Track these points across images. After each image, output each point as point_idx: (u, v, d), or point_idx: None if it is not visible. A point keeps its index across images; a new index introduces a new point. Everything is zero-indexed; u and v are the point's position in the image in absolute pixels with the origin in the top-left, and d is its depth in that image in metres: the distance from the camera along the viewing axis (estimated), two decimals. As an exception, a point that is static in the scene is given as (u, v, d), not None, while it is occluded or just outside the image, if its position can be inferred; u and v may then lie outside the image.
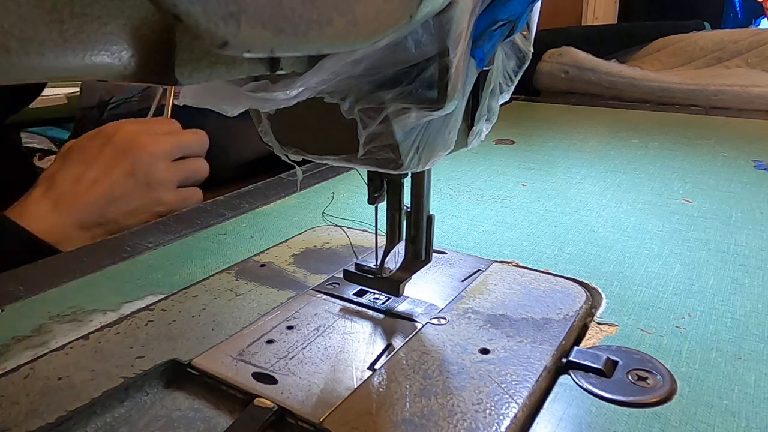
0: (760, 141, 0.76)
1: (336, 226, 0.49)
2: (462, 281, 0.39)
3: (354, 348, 0.32)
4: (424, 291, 0.37)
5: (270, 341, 0.32)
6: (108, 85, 0.88)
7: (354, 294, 0.37)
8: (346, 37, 0.16)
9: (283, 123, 0.28)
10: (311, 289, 0.38)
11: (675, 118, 0.94)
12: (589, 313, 0.35)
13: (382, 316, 0.35)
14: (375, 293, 0.37)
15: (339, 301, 0.36)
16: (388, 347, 0.32)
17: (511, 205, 0.54)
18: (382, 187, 0.32)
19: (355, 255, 0.42)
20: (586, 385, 0.29)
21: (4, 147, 0.74)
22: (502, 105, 0.30)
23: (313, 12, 0.15)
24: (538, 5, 0.27)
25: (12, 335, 0.34)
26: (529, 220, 0.51)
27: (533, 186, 0.60)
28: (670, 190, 0.58)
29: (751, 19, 1.96)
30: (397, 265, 0.34)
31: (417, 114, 0.23)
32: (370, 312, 0.35)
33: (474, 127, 0.29)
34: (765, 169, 0.63)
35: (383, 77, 0.23)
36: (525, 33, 0.29)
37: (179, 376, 0.31)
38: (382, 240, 0.34)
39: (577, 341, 0.33)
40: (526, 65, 0.30)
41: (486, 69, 0.27)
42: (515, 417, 0.26)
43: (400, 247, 0.34)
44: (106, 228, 0.55)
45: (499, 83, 0.29)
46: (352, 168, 0.35)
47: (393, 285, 0.34)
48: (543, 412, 0.27)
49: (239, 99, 0.22)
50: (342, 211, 0.54)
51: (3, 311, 0.37)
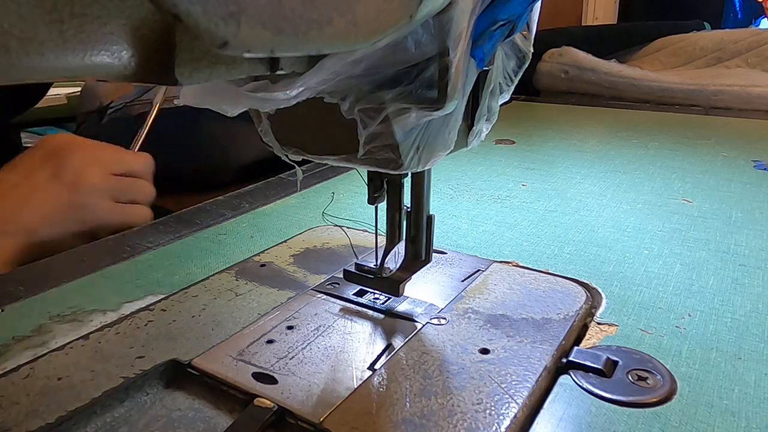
0: (760, 141, 0.76)
1: (336, 226, 0.49)
2: (462, 281, 0.39)
3: (354, 348, 0.32)
4: (424, 291, 0.37)
5: (270, 341, 0.32)
6: (108, 90, 0.88)
7: (354, 294, 0.37)
8: (346, 37, 0.16)
9: (283, 123, 0.28)
10: (311, 289, 0.38)
11: (675, 118, 0.94)
12: (589, 313, 0.35)
13: (382, 316, 0.35)
14: (375, 293, 0.37)
15: (339, 301, 0.36)
16: (388, 347, 0.32)
17: (511, 205, 0.54)
18: (382, 187, 0.32)
19: (355, 255, 0.42)
20: (586, 385, 0.29)
21: (4, 147, 0.74)
22: (502, 105, 0.30)
23: (313, 12, 0.15)
24: (538, 5, 0.27)
25: (12, 335, 0.34)
26: (529, 220, 0.51)
27: (533, 186, 0.60)
28: (670, 190, 0.58)
29: (751, 19, 1.96)
30: (397, 265, 0.34)
31: (417, 114, 0.23)
32: (370, 312, 0.35)
33: (474, 127, 0.29)
34: (765, 169, 0.63)
35: (383, 77, 0.23)
36: (525, 33, 0.29)
37: (179, 376, 0.31)
38: (382, 240, 0.34)
39: (577, 341, 0.33)
40: (526, 65, 0.30)
41: (486, 69, 0.27)
42: (515, 417, 0.26)
43: (400, 247, 0.34)
44: (20, 239, 0.49)
45: (499, 83, 0.29)
46: (352, 168, 0.35)
47: (393, 285, 0.34)
48: (543, 412, 0.27)
49: (239, 99, 0.22)
50: (342, 211, 0.54)
51: (3, 311, 0.37)
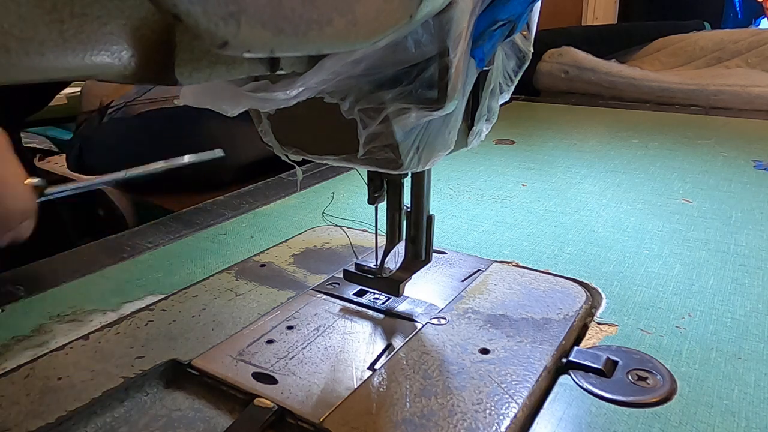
0: (760, 141, 0.76)
1: (336, 226, 0.49)
2: (462, 281, 0.39)
3: (354, 348, 0.32)
4: (424, 291, 0.37)
5: (270, 341, 0.32)
6: (108, 90, 0.88)
7: (354, 294, 0.37)
8: (346, 37, 0.16)
9: (283, 123, 0.28)
10: (311, 289, 0.38)
11: (675, 118, 0.94)
12: (589, 313, 0.35)
13: (382, 316, 0.35)
14: (375, 293, 0.37)
15: (339, 301, 0.36)
16: (388, 347, 0.32)
17: (511, 205, 0.54)
18: (382, 187, 0.32)
19: (355, 255, 0.42)
20: (586, 385, 0.29)
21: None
22: (502, 105, 0.30)
23: (313, 12, 0.15)
24: (538, 5, 0.27)
25: (12, 335, 0.34)
26: (529, 220, 0.51)
27: (533, 186, 0.60)
28: (670, 190, 0.58)
29: (751, 19, 1.96)
30: (397, 265, 0.34)
31: (417, 114, 0.23)
32: (370, 312, 0.35)
33: (474, 127, 0.29)
34: (765, 169, 0.63)
35: (383, 77, 0.23)
36: (525, 33, 0.29)
37: (179, 376, 0.31)
38: (382, 240, 0.34)
39: (577, 341, 0.33)
40: (526, 65, 0.30)
41: (486, 69, 0.27)
42: (515, 417, 0.26)
43: (400, 247, 0.34)
44: None
45: (499, 83, 0.29)
46: (352, 168, 0.35)
47: (393, 285, 0.34)
48: (543, 412, 0.27)
49: (239, 99, 0.22)
50: (342, 211, 0.54)
51: (3, 311, 0.37)
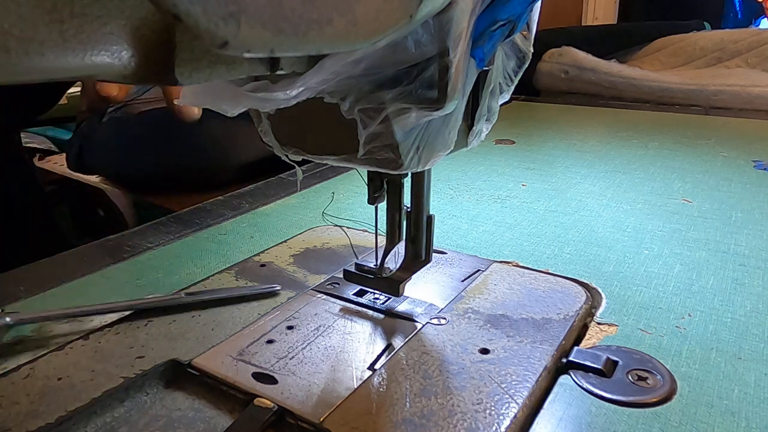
0: (760, 141, 0.76)
1: (336, 226, 0.49)
2: (462, 281, 0.39)
3: (354, 348, 0.32)
4: (424, 291, 0.37)
5: (270, 341, 0.32)
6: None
7: (354, 294, 0.37)
8: (346, 37, 0.16)
9: (283, 123, 0.28)
10: (311, 289, 0.38)
11: (675, 118, 0.94)
12: (589, 313, 0.35)
13: (382, 316, 0.35)
14: (375, 293, 0.37)
15: (339, 301, 0.36)
16: (388, 347, 0.32)
17: (511, 205, 0.54)
18: (382, 187, 0.32)
19: (355, 255, 0.42)
20: (586, 385, 0.29)
21: (6, 147, 0.73)
22: (502, 105, 0.30)
23: (313, 12, 0.15)
24: (538, 5, 0.27)
25: (12, 335, 0.34)
26: (529, 220, 0.51)
27: (533, 186, 0.60)
28: (670, 190, 0.58)
29: (751, 19, 1.96)
30: (397, 265, 0.34)
31: (417, 114, 0.23)
32: (370, 312, 0.35)
33: (474, 127, 0.29)
34: (765, 169, 0.63)
35: (383, 77, 0.23)
36: (525, 33, 0.29)
37: (179, 376, 0.31)
38: (382, 240, 0.34)
39: (577, 341, 0.33)
40: (526, 65, 0.30)
41: (486, 69, 0.27)
42: (515, 417, 0.26)
43: (400, 247, 0.34)
44: None
45: (499, 83, 0.29)
46: (352, 168, 0.35)
47: (393, 285, 0.34)
48: (543, 412, 0.27)
49: (239, 99, 0.22)
50: (342, 211, 0.54)
51: (3, 311, 0.37)
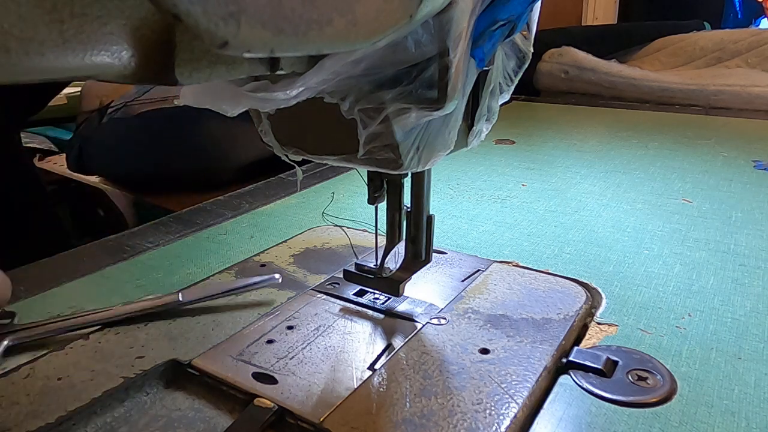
0: (760, 141, 0.76)
1: (336, 226, 0.49)
2: (462, 281, 0.38)
3: (354, 348, 0.32)
4: (424, 291, 0.37)
5: (270, 341, 0.32)
6: (108, 90, 0.88)
7: (354, 294, 0.37)
8: (346, 37, 0.16)
9: (283, 123, 0.28)
10: (311, 289, 0.38)
11: (675, 118, 0.94)
12: (589, 313, 0.35)
13: (382, 316, 0.35)
14: (375, 293, 0.37)
15: (339, 301, 0.36)
16: (388, 347, 0.32)
17: (511, 205, 0.54)
18: (382, 187, 0.32)
19: (355, 255, 0.42)
20: (586, 385, 0.29)
21: (6, 147, 0.73)
22: (502, 105, 0.30)
23: (313, 12, 0.15)
24: (538, 5, 0.27)
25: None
26: (529, 220, 0.51)
27: (533, 186, 0.60)
28: (670, 190, 0.58)
29: (751, 19, 1.96)
30: (397, 265, 0.34)
31: (417, 114, 0.23)
32: (370, 312, 0.35)
33: (474, 127, 0.29)
34: (765, 169, 0.63)
35: (383, 77, 0.23)
36: (525, 33, 0.29)
37: (179, 376, 0.31)
38: (382, 240, 0.34)
39: (577, 341, 0.33)
40: (526, 65, 0.30)
41: (486, 69, 0.27)
42: (515, 417, 0.26)
43: (400, 247, 0.34)
44: None
45: (499, 83, 0.29)
46: (352, 168, 0.35)
47: (393, 285, 0.34)
48: (543, 412, 0.27)
49: (239, 99, 0.22)
50: (342, 211, 0.54)
51: (3, 311, 0.37)
